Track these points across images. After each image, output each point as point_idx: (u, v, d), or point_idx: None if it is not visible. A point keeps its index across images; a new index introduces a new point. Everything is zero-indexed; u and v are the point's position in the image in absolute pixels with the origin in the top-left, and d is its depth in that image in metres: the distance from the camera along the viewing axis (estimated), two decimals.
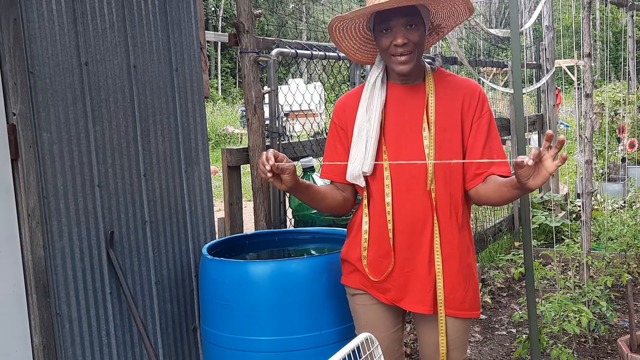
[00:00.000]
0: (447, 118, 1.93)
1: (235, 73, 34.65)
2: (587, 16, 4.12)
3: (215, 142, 16.74)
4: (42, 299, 2.25)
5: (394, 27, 1.83)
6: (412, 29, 1.84)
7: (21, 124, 2.18)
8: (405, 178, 1.94)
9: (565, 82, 18.20)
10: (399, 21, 1.82)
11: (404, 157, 1.93)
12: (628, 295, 3.31)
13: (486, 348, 3.79)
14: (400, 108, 1.97)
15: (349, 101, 2.05)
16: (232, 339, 2.34)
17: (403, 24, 1.83)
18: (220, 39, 5.14)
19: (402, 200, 1.95)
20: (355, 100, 2.02)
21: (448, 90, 1.96)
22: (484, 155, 1.92)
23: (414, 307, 1.99)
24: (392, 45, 1.85)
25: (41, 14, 2.23)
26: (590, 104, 4.21)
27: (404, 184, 1.94)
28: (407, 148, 1.94)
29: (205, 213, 2.91)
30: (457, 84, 1.97)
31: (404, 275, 1.98)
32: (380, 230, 1.99)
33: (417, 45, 1.86)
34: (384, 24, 1.85)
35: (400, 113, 1.97)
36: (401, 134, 1.95)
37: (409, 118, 1.95)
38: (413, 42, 1.84)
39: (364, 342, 1.49)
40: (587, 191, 4.22)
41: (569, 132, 14.26)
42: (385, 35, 1.86)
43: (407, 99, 1.96)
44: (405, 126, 1.95)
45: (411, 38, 1.84)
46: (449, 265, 1.95)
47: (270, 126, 3.25)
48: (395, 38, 1.83)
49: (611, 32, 15.62)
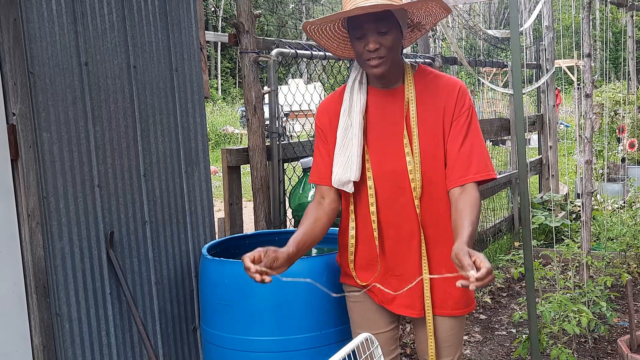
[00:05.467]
0: (428, 123, 1.90)
1: (235, 73, 34.66)
2: (587, 16, 4.12)
3: (215, 142, 16.75)
4: (42, 299, 2.25)
5: (366, 32, 1.81)
6: (384, 33, 1.81)
7: (21, 124, 2.18)
8: (389, 187, 1.93)
9: (565, 82, 18.21)
10: (371, 27, 1.80)
11: (386, 165, 1.91)
12: (628, 295, 3.31)
13: (486, 348, 3.79)
14: (381, 113, 1.95)
15: (330, 105, 2.03)
16: (232, 339, 2.34)
17: (375, 29, 1.80)
18: (220, 39, 5.15)
19: (387, 210, 1.94)
20: (337, 104, 2.00)
21: (428, 92, 1.92)
22: (459, 156, 1.86)
23: (403, 310, 2.00)
24: (365, 50, 1.83)
25: (41, 14, 2.23)
26: (590, 104, 4.21)
27: (387, 193, 1.93)
28: (390, 156, 1.92)
29: (205, 213, 2.91)
30: (437, 84, 1.93)
31: (393, 279, 1.99)
32: (367, 238, 1.99)
33: (390, 49, 1.83)
34: (356, 30, 1.83)
35: (381, 119, 1.94)
36: (383, 141, 1.93)
37: (390, 125, 1.93)
38: (386, 47, 1.82)
39: (363, 342, 1.49)
40: (587, 191, 4.22)
41: (569, 132, 14.27)
42: (359, 41, 1.84)
43: (387, 104, 1.94)
44: (388, 133, 1.93)
45: (384, 43, 1.81)
46: (438, 272, 1.93)
47: (270, 126, 3.25)
48: (368, 44, 1.81)
49: (611, 32, 15.64)
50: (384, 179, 1.93)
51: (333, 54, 2.09)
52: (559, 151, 8.30)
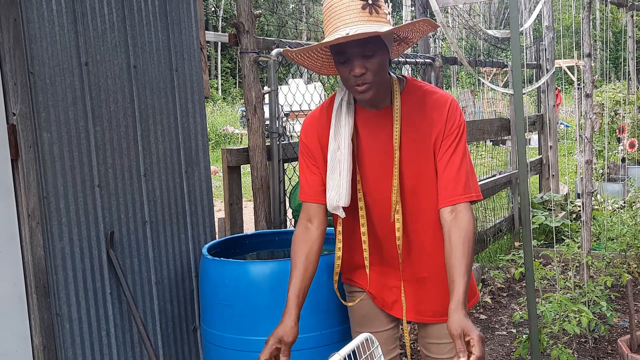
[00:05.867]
0: (417, 144, 1.85)
1: (235, 73, 34.66)
2: (587, 16, 4.12)
3: (215, 142, 16.75)
4: (42, 299, 2.25)
5: (351, 57, 1.73)
6: (370, 57, 1.73)
7: (21, 124, 2.18)
8: (379, 210, 1.92)
9: (565, 82, 18.20)
10: (355, 51, 1.72)
11: (378, 188, 1.89)
12: (628, 295, 3.31)
13: (486, 348, 3.79)
14: (370, 135, 1.89)
15: (313, 122, 1.97)
16: (232, 339, 2.34)
17: (360, 53, 1.72)
18: (220, 39, 5.15)
19: (375, 233, 1.95)
20: (319, 122, 1.94)
21: (416, 110, 1.86)
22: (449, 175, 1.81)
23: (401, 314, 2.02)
24: (351, 76, 1.75)
25: (41, 14, 2.23)
26: (590, 104, 4.21)
27: (377, 215, 1.93)
28: (382, 179, 1.88)
29: (205, 213, 2.91)
30: (426, 102, 1.86)
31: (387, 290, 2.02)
32: (355, 259, 2.02)
33: (376, 72, 1.75)
34: (340, 55, 1.75)
35: (371, 141, 1.89)
36: (374, 163, 1.89)
37: (381, 146, 1.88)
38: (372, 71, 1.74)
39: (364, 342, 1.49)
40: (587, 191, 4.22)
41: (569, 132, 14.27)
42: (343, 65, 1.76)
43: (376, 127, 1.88)
44: (378, 155, 1.89)
45: (369, 67, 1.73)
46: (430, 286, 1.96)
47: (271, 126, 3.25)
48: (353, 69, 1.73)
49: (611, 32, 15.64)
50: (376, 201, 1.91)
51: (317, 73, 2.01)
52: (559, 151, 8.29)
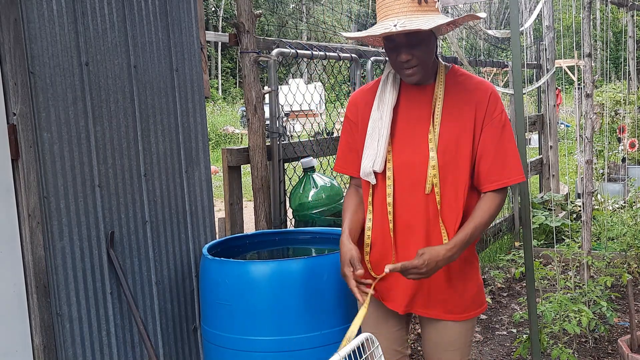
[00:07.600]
0: (455, 122, 1.93)
1: (235, 73, 34.66)
2: (587, 16, 4.12)
3: (215, 142, 16.75)
4: (43, 299, 2.25)
5: (398, 45, 1.86)
6: (415, 46, 1.86)
7: (21, 124, 2.18)
8: (407, 181, 1.95)
9: (566, 82, 18.20)
10: (402, 40, 1.85)
11: (407, 158, 1.94)
12: (628, 295, 3.31)
13: (487, 348, 3.79)
14: (410, 108, 1.98)
15: (361, 97, 2.09)
16: (232, 339, 2.34)
17: (406, 42, 1.85)
18: (221, 39, 5.14)
19: (402, 203, 1.96)
20: (368, 96, 2.05)
21: (458, 93, 1.96)
22: (495, 162, 1.91)
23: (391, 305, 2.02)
24: (397, 60, 1.88)
25: (41, 14, 2.23)
26: (590, 104, 4.21)
27: (405, 186, 1.95)
28: (412, 149, 1.94)
29: (205, 213, 2.91)
30: (467, 87, 1.96)
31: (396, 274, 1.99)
32: (383, 229, 2.00)
33: (422, 58, 1.88)
34: (389, 41, 1.89)
35: (409, 113, 1.98)
36: (408, 134, 1.96)
37: (417, 119, 1.96)
38: (417, 57, 1.87)
39: (364, 342, 1.49)
40: (587, 191, 4.22)
41: (569, 132, 14.26)
42: (391, 51, 1.89)
43: (416, 100, 1.98)
44: (413, 127, 1.96)
45: (416, 54, 1.86)
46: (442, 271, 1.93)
47: (271, 126, 3.25)
48: (400, 54, 1.86)
49: (611, 32, 15.63)
50: (404, 170, 1.95)
51: (370, 44, 2.13)
52: (560, 151, 8.29)
